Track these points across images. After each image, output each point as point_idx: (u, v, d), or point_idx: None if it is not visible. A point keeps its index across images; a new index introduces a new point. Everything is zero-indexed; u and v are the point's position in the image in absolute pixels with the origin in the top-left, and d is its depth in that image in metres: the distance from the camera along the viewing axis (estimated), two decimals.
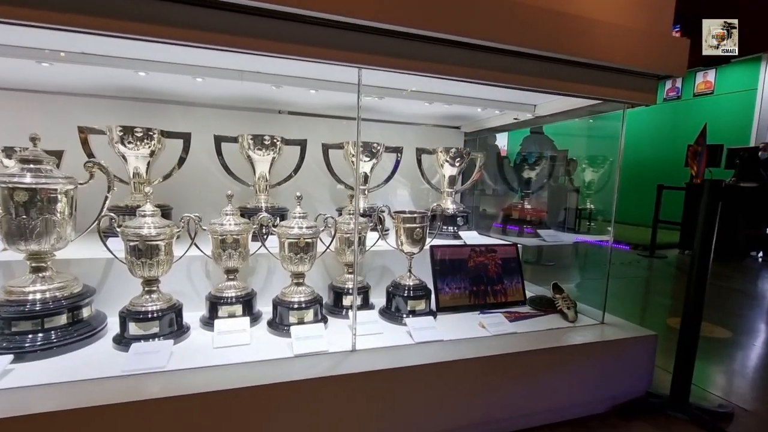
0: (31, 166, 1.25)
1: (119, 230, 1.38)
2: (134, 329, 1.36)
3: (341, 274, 1.83)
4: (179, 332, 1.44)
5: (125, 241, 1.37)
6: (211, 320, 1.52)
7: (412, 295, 1.73)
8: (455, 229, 2.35)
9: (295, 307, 1.54)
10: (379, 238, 1.87)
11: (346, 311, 1.73)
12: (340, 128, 2.45)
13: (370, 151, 2.23)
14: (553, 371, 1.53)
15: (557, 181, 2.97)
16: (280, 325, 1.54)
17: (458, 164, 2.40)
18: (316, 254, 1.62)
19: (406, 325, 1.60)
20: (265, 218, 1.64)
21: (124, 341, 1.34)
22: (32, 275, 1.32)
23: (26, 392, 1.06)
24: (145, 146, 1.81)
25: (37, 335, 1.25)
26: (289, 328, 1.47)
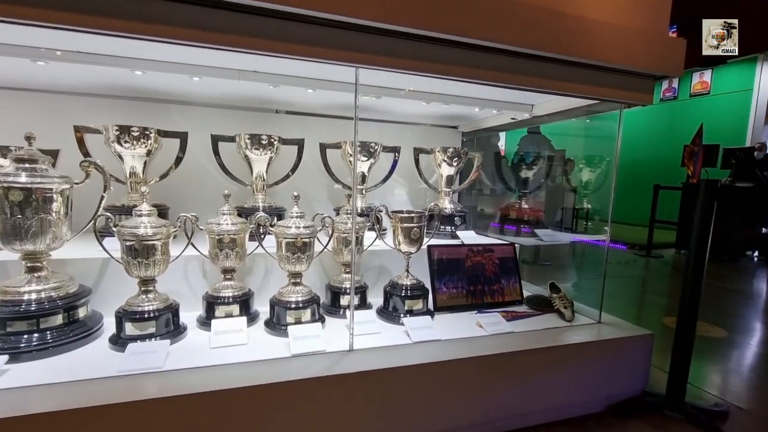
0: (26, 165, 1.25)
1: (115, 230, 1.37)
2: (131, 329, 1.35)
3: (339, 273, 1.83)
4: (176, 332, 1.43)
5: (121, 240, 1.36)
6: (208, 320, 1.51)
7: (409, 294, 1.74)
8: (453, 228, 2.35)
9: (292, 306, 1.54)
10: (376, 237, 1.87)
11: (343, 311, 1.73)
12: (337, 128, 2.45)
13: (367, 150, 2.23)
14: (550, 370, 1.54)
15: (554, 181, 2.98)
16: (277, 324, 1.54)
17: (456, 164, 2.40)
18: (313, 254, 1.62)
19: (403, 324, 1.61)
20: (262, 218, 1.63)
21: (120, 341, 1.33)
22: (27, 275, 1.31)
23: (22, 393, 1.06)
24: (141, 145, 1.80)
25: (32, 335, 1.25)
26: (286, 327, 1.47)
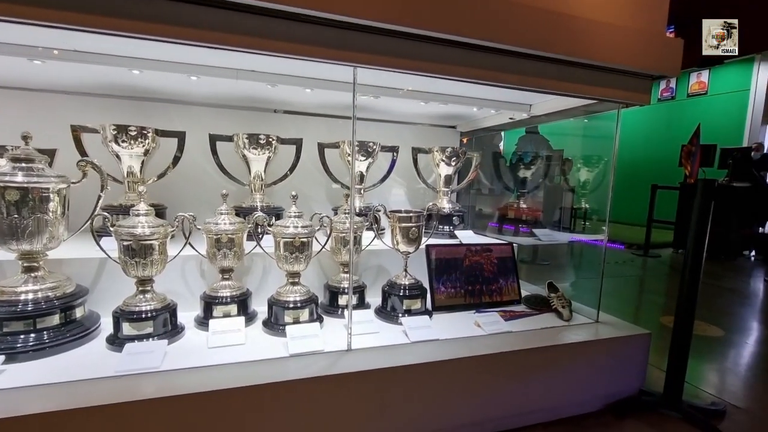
0: (22, 164, 1.24)
1: (113, 230, 1.37)
2: (128, 329, 1.35)
3: (337, 273, 1.83)
4: (173, 332, 1.43)
5: (119, 240, 1.36)
6: (205, 320, 1.51)
7: (407, 294, 1.74)
8: (451, 228, 2.35)
9: (290, 306, 1.54)
10: (374, 237, 1.87)
11: (341, 310, 1.73)
12: (336, 127, 2.45)
13: (365, 150, 2.23)
14: (548, 370, 1.54)
15: (553, 180, 2.98)
16: (275, 324, 1.53)
17: (454, 164, 2.40)
18: (311, 254, 1.61)
19: (401, 324, 1.61)
20: (260, 217, 1.63)
21: (117, 341, 1.33)
22: (24, 275, 1.31)
23: (18, 393, 1.05)
24: (139, 145, 1.80)
25: (29, 336, 1.24)
26: (284, 327, 1.47)
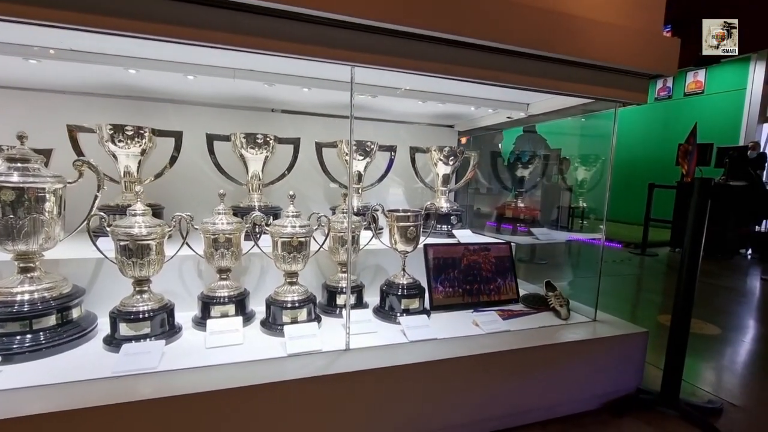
0: (18, 164, 1.23)
1: (109, 230, 1.36)
2: (125, 330, 1.34)
3: (335, 273, 1.83)
4: (171, 332, 1.42)
5: (115, 240, 1.35)
6: (203, 320, 1.50)
7: (405, 293, 1.74)
8: (449, 227, 2.35)
9: (288, 306, 1.54)
10: (372, 236, 1.86)
11: (339, 310, 1.73)
12: (333, 127, 2.44)
13: (363, 149, 2.23)
14: (545, 369, 1.54)
15: (550, 179, 2.99)
16: (273, 324, 1.53)
17: (452, 163, 2.40)
18: (309, 253, 1.61)
19: (400, 323, 1.60)
20: (258, 217, 1.63)
21: (114, 342, 1.32)
22: (20, 276, 1.30)
23: (14, 394, 1.05)
24: (135, 145, 1.79)
25: (25, 336, 1.23)
26: (282, 327, 1.46)
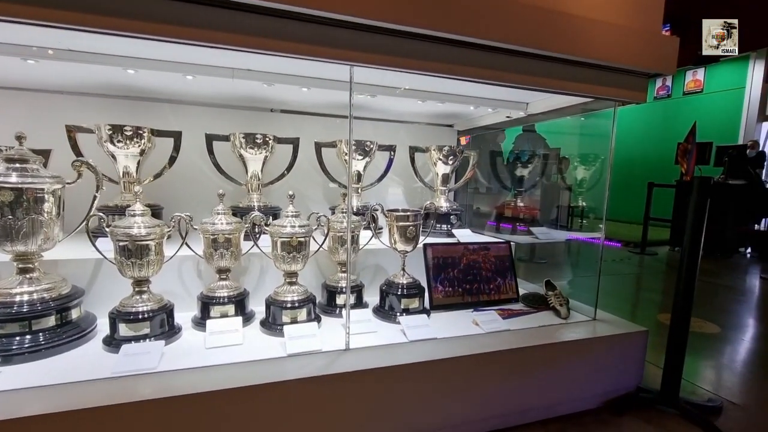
0: (16, 165, 1.23)
1: (108, 230, 1.36)
2: (124, 330, 1.34)
3: (334, 272, 1.83)
4: (170, 333, 1.42)
5: (115, 241, 1.35)
6: (203, 320, 1.50)
7: (405, 293, 1.73)
8: (449, 227, 2.35)
9: (288, 306, 1.54)
10: (372, 236, 1.86)
11: (339, 310, 1.73)
12: (332, 126, 2.44)
13: (363, 149, 2.23)
14: (545, 368, 1.54)
15: (550, 179, 2.99)
16: (273, 324, 1.53)
17: (451, 162, 2.40)
18: (309, 253, 1.61)
19: (399, 323, 1.60)
20: (257, 217, 1.63)
21: (114, 343, 1.32)
22: (19, 276, 1.30)
23: (14, 395, 1.05)
24: (134, 145, 1.79)
25: (24, 337, 1.23)
26: (282, 327, 1.46)
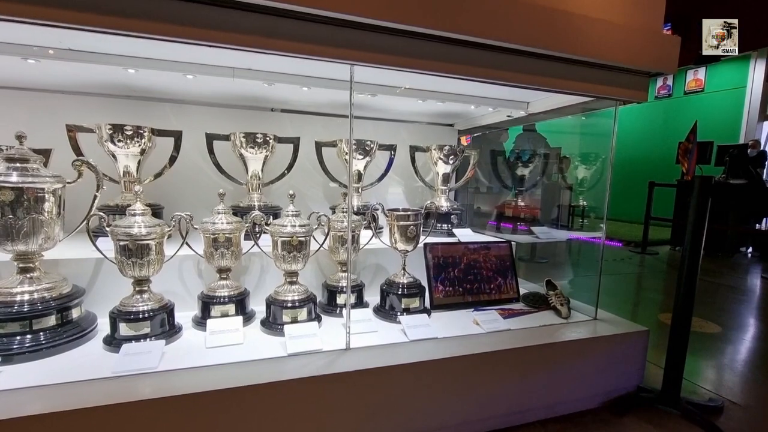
0: (17, 164, 1.23)
1: (109, 230, 1.36)
2: (125, 330, 1.34)
3: (335, 272, 1.83)
4: (171, 332, 1.42)
5: (115, 240, 1.35)
6: (203, 320, 1.50)
7: (406, 292, 1.73)
8: (449, 226, 2.35)
9: (288, 305, 1.54)
10: (372, 236, 1.86)
11: (340, 309, 1.73)
12: (333, 126, 2.44)
13: (363, 149, 2.22)
14: (546, 367, 1.54)
15: (550, 178, 2.98)
16: (273, 324, 1.53)
17: (452, 162, 2.40)
18: (309, 253, 1.61)
19: (400, 323, 1.60)
20: (257, 217, 1.62)
21: (114, 342, 1.32)
22: (20, 276, 1.30)
23: (14, 395, 1.05)
24: (135, 144, 1.79)
25: (25, 337, 1.23)
26: (282, 327, 1.46)
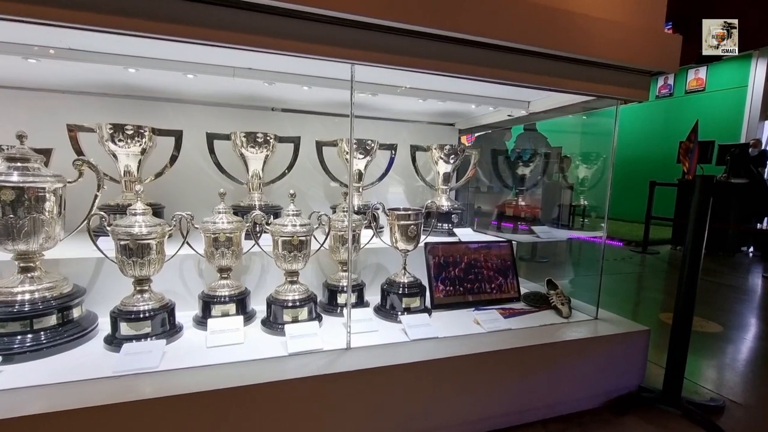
0: (18, 164, 1.23)
1: (109, 229, 1.36)
2: (126, 329, 1.34)
3: (335, 272, 1.83)
4: (172, 332, 1.42)
5: (116, 240, 1.35)
6: (204, 319, 1.50)
7: (406, 292, 1.73)
8: (450, 226, 2.35)
9: (289, 305, 1.54)
10: (373, 235, 1.86)
11: (340, 309, 1.73)
12: (333, 125, 2.44)
13: (364, 148, 2.22)
14: (547, 367, 1.54)
15: (551, 178, 2.98)
16: (274, 323, 1.53)
17: (453, 161, 2.40)
18: (310, 252, 1.61)
19: (401, 322, 1.60)
20: (258, 216, 1.62)
21: (115, 342, 1.32)
22: (20, 275, 1.30)
23: (15, 394, 1.05)
24: (135, 144, 1.79)
25: (26, 336, 1.23)
26: (283, 326, 1.46)
